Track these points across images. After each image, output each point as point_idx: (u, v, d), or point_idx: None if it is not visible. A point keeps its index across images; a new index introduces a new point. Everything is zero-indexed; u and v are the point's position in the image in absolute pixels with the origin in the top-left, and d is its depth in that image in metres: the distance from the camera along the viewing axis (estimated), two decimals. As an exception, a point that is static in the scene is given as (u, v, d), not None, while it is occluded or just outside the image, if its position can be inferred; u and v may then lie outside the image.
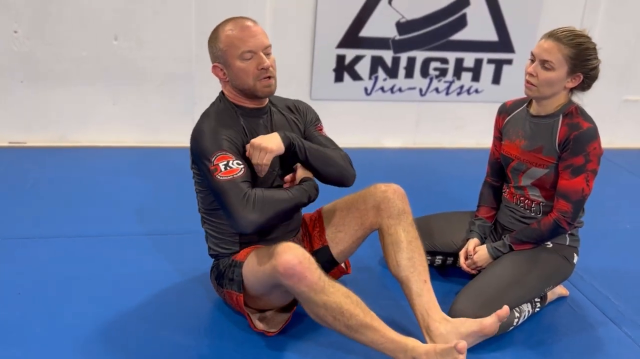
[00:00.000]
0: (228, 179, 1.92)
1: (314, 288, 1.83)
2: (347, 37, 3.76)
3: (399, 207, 2.13)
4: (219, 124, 2.02)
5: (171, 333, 2.10)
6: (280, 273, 1.82)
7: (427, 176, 3.67)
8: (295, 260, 1.82)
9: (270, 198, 1.95)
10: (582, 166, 2.15)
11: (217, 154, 1.95)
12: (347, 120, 3.93)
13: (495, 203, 2.47)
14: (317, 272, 1.85)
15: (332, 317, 1.86)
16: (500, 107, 2.45)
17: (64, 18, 3.46)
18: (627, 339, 2.25)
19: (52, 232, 2.70)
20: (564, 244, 2.30)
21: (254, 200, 1.91)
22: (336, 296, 1.86)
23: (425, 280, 2.09)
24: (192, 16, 3.59)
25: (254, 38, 1.97)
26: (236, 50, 1.97)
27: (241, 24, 1.99)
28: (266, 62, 1.98)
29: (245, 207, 1.90)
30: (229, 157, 1.95)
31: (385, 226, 2.14)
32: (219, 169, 1.94)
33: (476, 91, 4.07)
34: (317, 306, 1.86)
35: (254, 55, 1.97)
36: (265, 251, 1.95)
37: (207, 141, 1.98)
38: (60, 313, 2.16)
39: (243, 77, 2.00)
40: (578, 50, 2.10)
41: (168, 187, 3.22)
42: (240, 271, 2.02)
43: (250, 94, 2.04)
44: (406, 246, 2.11)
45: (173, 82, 3.71)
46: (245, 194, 1.91)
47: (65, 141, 3.72)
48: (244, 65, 1.98)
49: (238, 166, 1.95)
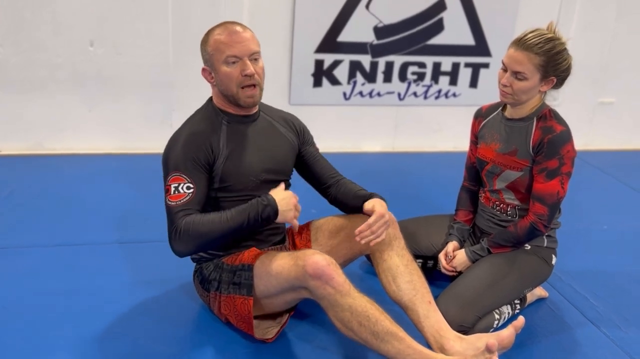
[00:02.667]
0: (172, 204, 1.96)
1: (341, 290, 1.83)
2: (325, 42, 3.77)
3: (390, 233, 2.11)
4: (192, 132, 2.03)
5: (154, 342, 2.08)
6: (309, 274, 1.83)
7: (406, 180, 3.68)
8: (324, 261, 1.84)
9: (195, 229, 1.91)
10: (557, 169, 2.17)
11: (173, 174, 1.98)
12: (326, 125, 3.93)
13: (473, 207, 2.48)
14: (343, 276, 1.87)
15: (358, 322, 1.83)
16: (476, 111, 2.46)
17: (38, 24, 3.42)
18: (605, 340, 2.27)
19: (29, 242, 2.66)
20: (542, 246, 2.32)
21: (180, 231, 1.92)
22: (362, 301, 1.85)
23: (429, 301, 2.06)
24: (168, 22, 3.56)
25: (240, 44, 1.97)
26: (221, 54, 1.97)
27: (230, 28, 1.99)
28: (249, 68, 1.97)
29: (172, 237, 1.94)
30: (182, 180, 1.96)
31: (378, 252, 2.12)
32: (170, 191, 1.98)
33: (454, 94, 4.09)
34: (342, 309, 1.84)
35: (239, 60, 1.97)
36: (286, 254, 1.96)
37: (172, 152, 2.00)
38: (38, 324, 2.12)
39: (227, 82, 2.00)
40: (548, 57, 2.11)
41: (145, 195, 3.19)
42: (250, 274, 1.99)
43: (234, 102, 2.04)
44: (403, 269, 2.09)
45: (150, 88, 3.69)
46: (175, 225, 1.93)
47: (41, 149, 3.67)
48: (229, 70, 1.98)
49: (187, 190, 1.96)
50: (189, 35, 3.61)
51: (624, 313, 2.43)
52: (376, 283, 2.16)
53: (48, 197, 3.09)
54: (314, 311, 2.20)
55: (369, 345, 1.86)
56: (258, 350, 2.07)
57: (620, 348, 2.22)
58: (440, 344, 1.98)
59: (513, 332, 1.94)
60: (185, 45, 3.62)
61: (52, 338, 2.06)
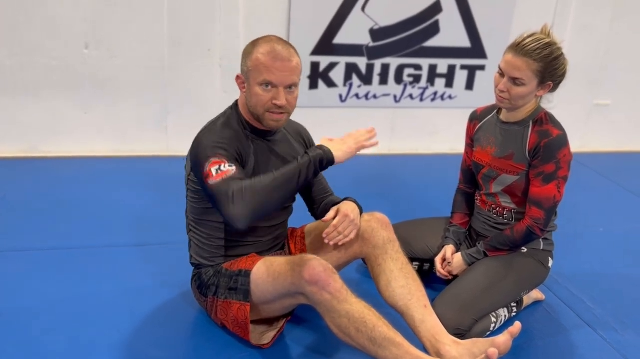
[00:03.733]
0: (217, 181, 1.87)
1: (337, 296, 1.82)
2: (321, 44, 3.76)
3: (384, 236, 2.11)
4: (223, 134, 1.98)
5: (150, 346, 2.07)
6: (305, 279, 1.83)
7: (402, 182, 3.68)
8: (321, 267, 1.83)
9: (250, 189, 1.85)
10: (553, 173, 2.16)
11: (211, 159, 1.91)
12: (322, 127, 3.89)
13: (469, 209, 2.48)
14: (340, 282, 1.86)
15: (355, 329, 1.82)
16: (471, 114, 2.46)
17: (33, 27, 3.41)
18: (602, 342, 2.27)
19: (24, 245, 2.65)
20: (539, 249, 2.32)
21: (233, 194, 1.83)
22: (359, 307, 1.84)
23: (425, 305, 2.05)
24: (164, 24, 3.55)
25: (280, 72, 1.91)
26: (259, 75, 1.93)
27: (276, 52, 1.92)
28: (282, 100, 1.93)
29: (228, 204, 1.84)
30: (221, 162, 1.91)
31: (373, 256, 2.11)
32: (210, 174, 1.89)
33: (450, 97, 4.09)
34: (339, 315, 1.83)
35: (274, 88, 1.94)
36: (283, 259, 1.95)
37: (206, 147, 1.95)
38: (33, 328, 2.11)
39: (255, 102, 1.96)
40: (546, 63, 2.11)
41: (141, 197, 3.18)
42: (247, 280, 1.97)
43: (257, 119, 2.02)
44: (398, 274, 2.08)
45: (145, 91, 3.67)
46: (230, 191, 1.85)
47: (36, 152, 3.66)
48: (261, 93, 1.94)
49: (229, 167, 1.90)
50: (185, 38, 3.60)
51: (621, 315, 2.43)
52: (372, 287, 2.15)
53: (43, 201, 3.08)
54: (310, 316, 2.19)
55: (367, 351, 1.85)
56: (254, 355, 2.06)
57: (617, 351, 2.22)
58: (437, 349, 1.98)
59: (509, 338, 1.93)
60: (180, 48, 3.61)
61: (47, 342, 2.05)
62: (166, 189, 3.24)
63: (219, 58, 3.67)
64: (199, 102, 3.73)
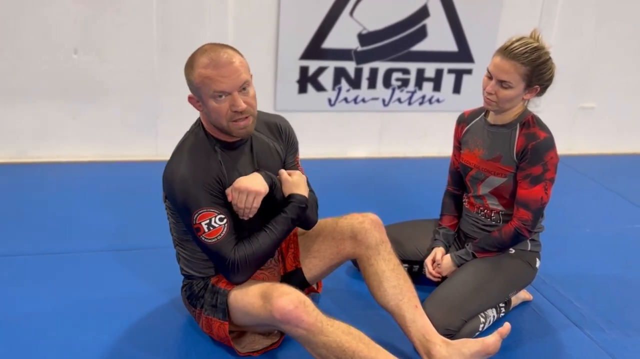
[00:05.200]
0: (213, 241, 1.93)
1: (312, 330, 1.81)
2: (310, 48, 3.79)
3: (377, 237, 2.11)
4: (194, 165, 1.94)
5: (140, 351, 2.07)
6: (277, 319, 1.83)
7: (391, 185, 3.70)
8: (291, 305, 1.81)
9: (253, 257, 1.96)
10: (541, 175, 2.20)
11: (198, 211, 1.91)
12: (312, 131, 3.94)
13: (457, 212, 2.51)
14: (314, 313, 1.83)
15: (335, 356, 1.82)
16: (459, 117, 2.49)
17: (22, 31, 3.40)
18: (589, 342, 2.30)
19: (13, 250, 2.64)
20: (526, 250, 2.35)
21: (238, 264, 1.94)
22: (335, 335, 1.83)
23: (416, 305, 2.06)
24: (153, 28, 3.56)
25: (227, 78, 1.83)
26: (208, 89, 1.85)
27: (216, 60, 1.83)
28: (240, 104, 1.85)
29: (231, 271, 1.96)
30: (211, 214, 1.92)
31: (365, 257, 2.11)
32: (202, 229, 1.92)
33: (437, 100, 4.13)
34: (317, 346, 1.83)
35: (228, 96, 1.86)
36: (257, 289, 1.93)
37: (185, 194, 1.91)
38: (22, 333, 2.11)
39: (216, 116, 1.89)
40: (534, 66, 2.14)
41: (131, 202, 3.18)
42: (225, 300, 1.98)
43: (225, 132, 1.96)
44: (389, 274, 2.08)
45: (135, 96, 3.68)
46: (229, 260, 1.94)
47: (25, 157, 3.65)
48: (217, 105, 1.87)
49: (221, 222, 1.92)
50: (174, 43, 3.61)
51: (607, 315, 2.46)
52: (363, 288, 2.17)
53: (32, 206, 3.07)
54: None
55: None
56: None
57: (604, 350, 2.25)
58: (427, 348, 2.00)
59: (499, 338, 1.96)
60: (170, 53, 3.62)
61: (35, 346, 2.05)
62: (156, 194, 3.20)
63: (208, 63, 3.68)
64: (188, 107, 3.70)
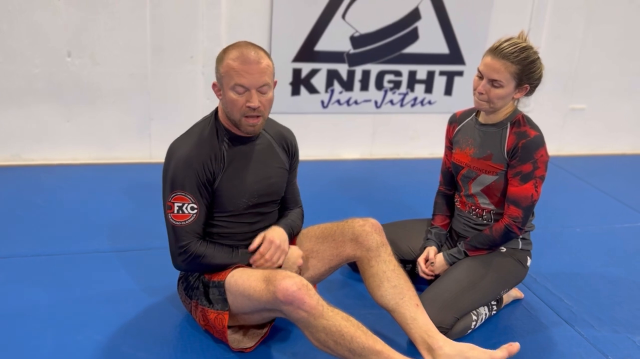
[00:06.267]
0: (177, 223, 2.02)
1: (313, 313, 1.83)
2: (302, 51, 3.81)
3: (377, 240, 2.13)
4: (196, 150, 2.02)
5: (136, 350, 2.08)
6: (280, 300, 1.84)
7: (384, 185, 3.73)
8: (294, 286, 1.84)
9: (204, 260, 2.04)
10: (531, 173, 2.23)
11: (176, 192, 2.00)
12: (305, 133, 3.95)
13: (449, 211, 2.54)
14: (316, 297, 1.86)
15: (334, 341, 1.85)
16: (451, 117, 2.52)
17: (15, 34, 3.41)
18: (579, 338, 2.33)
19: (8, 252, 2.65)
20: (517, 248, 2.38)
21: (189, 256, 2.02)
22: (335, 320, 1.85)
23: (417, 304, 2.08)
24: (146, 31, 3.58)
25: (250, 75, 1.94)
26: (231, 80, 1.96)
27: (245, 56, 1.95)
28: (255, 101, 1.95)
29: (178, 256, 2.04)
30: (185, 200, 2.00)
31: (365, 258, 2.13)
32: (172, 208, 2.02)
33: (429, 102, 4.16)
34: (317, 330, 1.85)
35: (246, 91, 1.96)
36: (259, 273, 1.96)
37: (174, 171, 2.00)
38: (19, 334, 2.12)
39: (231, 107, 1.99)
40: (523, 65, 2.18)
41: (124, 204, 3.20)
42: (222, 290, 2.01)
43: (235, 126, 2.05)
44: (390, 274, 2.10)
45: (128, 98, 3.69)
46: (184, 246, 2.01)
47: (18, 160, 3.65)
48: (235, 97, 1.96)
49: (192, 211, 2.01)
50: (167, 46, 3.63)
51: (597, 312, 2.50)
52: (360, 287, 2.18)
53: (27, 208, 3.08)
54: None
55: None
56: (239, 357, 2.08)
57: (594, 346, 2.29)
58: (429, 344, 2.00)
59: (506, 355, 1.98)
60: (163, 56, 3.64)
61: (32, 347, 2.06)
62: (149, 196, 3.25)
63: (202, 65, 3.71)
64: (181, 109, 3.75)
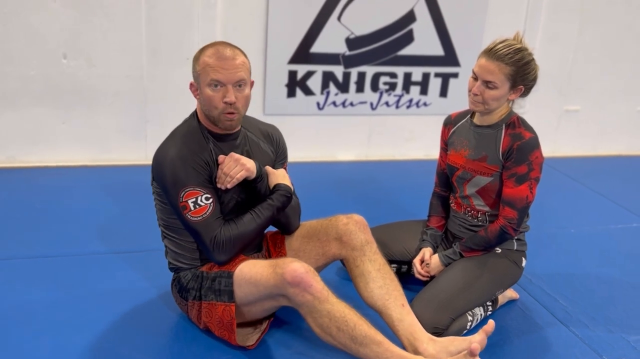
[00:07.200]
0: (198, 219, 2.00)
1: (319, 297, 1.87)
2: (298, 53, 3.82)
3: (362, 238, 2.15)
4: (186, 148, 2.03)
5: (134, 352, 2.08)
6: (287, 281, 1.87)
7: (379, 187, 3.74)
8: (302, 269, 1.87)
9: (238, 236, 2.03)
10: (526, 174, 2.24)
11: (185, 189, 1.99)
12: (301, 134, 3.98)
13: (445, 212, 2.55)
14: (322, 283, 1.90)
15: (337, 328, 1.87)
16: (446, 119, 2.53)
17: (10, 36, 3.41)
18: (574, 339, 2.34)
19: (5, 254, 2.65)
20: (512, 249, 2.39)
21: (223, 243, 2.01)
22: (340, 306, 1.89)
23: (403, 304, 2.09)
24: (142, 33, 3.58)
25: (226, 70, 1.96)
26: (207, 76, 1.98)
27: (221, 52, 1.98)
28: (231, 97, 1.97)
29: (214, 250, 2.02)
30: (197, 193, 2.00)
31: (351, 258, 2.15)
32: (188, 207, 2.00)
33: (424, 104, 4.18)
34: (321, 315, 1.88)
35: (223, 87, 1.98)
36: (264, 262, 2.00)
37: (173, 172, 1.99)
38: (16, 336, 2.12)
39: (208, 104, 2.01)
40: (518, 67, 2.19)
41: (121, 206, 3.20)
42: (230, 281, 2.02)
43: (213, 122, 2.06)
44: (375, 274, 2.12)
45: (124, 100, 3.69)
46: (215, 237, 2.01)
47: (14, 162, 3.65)
48: (211, 93, 1.98)
49: (207, 201, 2.00)
50: (163, 48, 3.63)
51: (592, 312, 2.51)
52: (352, 290, 2.19)
53: (23, 210, 3.08)
54: (293, 317, 2.24)
55: (348, 350, 1.89)
56: (238, 356, 2.09)
57: (589, 346, 2.30)
58: (415, 346, 2.03)
59: (484, 336, 1.98)
60: (159, 58, 3.64)
61: (30, 349, 2.06)
62: (145, 198, 3.23)
63: (198, 67, 3.71)
64: (177, 110, 3.72)
